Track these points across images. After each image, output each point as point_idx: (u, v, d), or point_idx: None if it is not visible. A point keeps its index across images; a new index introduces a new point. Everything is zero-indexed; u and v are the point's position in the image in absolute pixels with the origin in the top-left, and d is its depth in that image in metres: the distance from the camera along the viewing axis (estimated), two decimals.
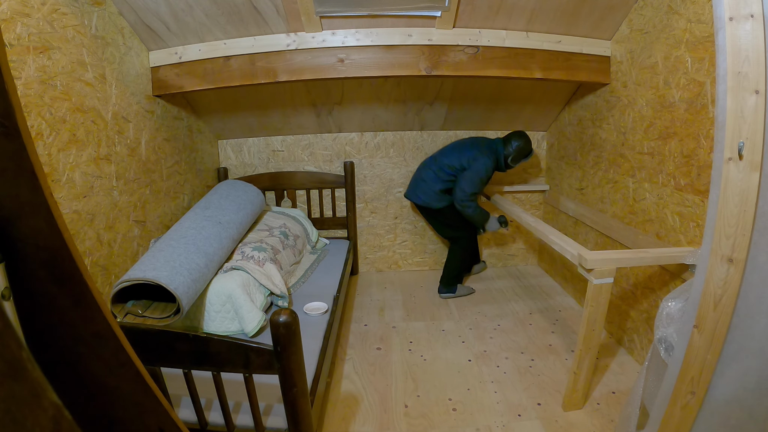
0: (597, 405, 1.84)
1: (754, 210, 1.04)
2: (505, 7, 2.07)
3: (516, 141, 2.67)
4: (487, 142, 2.72)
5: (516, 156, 2.68)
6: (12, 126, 0.54)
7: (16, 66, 1.42)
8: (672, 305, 1.42)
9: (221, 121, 2.92)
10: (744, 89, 1.00)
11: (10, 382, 0.35)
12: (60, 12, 1.61)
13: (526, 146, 2.68)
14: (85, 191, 1.73)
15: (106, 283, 1.83)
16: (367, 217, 3.28)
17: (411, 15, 2.12)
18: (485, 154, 2.63)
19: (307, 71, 2.25)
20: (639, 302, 2.10)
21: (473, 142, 2.75)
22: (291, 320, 1.12)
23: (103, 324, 0.67)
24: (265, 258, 2.09)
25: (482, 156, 2.62)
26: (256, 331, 1.79)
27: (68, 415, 0.39)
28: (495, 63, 2.26)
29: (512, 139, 2.69)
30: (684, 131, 1.78)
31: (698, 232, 1.71)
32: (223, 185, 2.51)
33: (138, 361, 0.73)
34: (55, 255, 0.61)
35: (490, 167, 2.63)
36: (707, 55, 1.62)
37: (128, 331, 1.10)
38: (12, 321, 0.61)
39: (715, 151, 1.06)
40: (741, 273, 1.07)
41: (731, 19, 0.99)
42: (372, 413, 1.84)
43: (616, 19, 2.16)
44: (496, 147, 2.69)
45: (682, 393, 1.19)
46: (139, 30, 2.11)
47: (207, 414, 1.35)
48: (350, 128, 3.06)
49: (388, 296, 2.96)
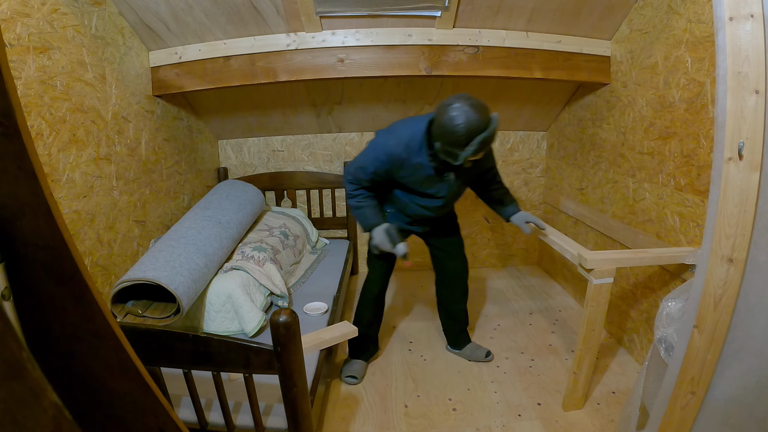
0: (597, 405, 1.84)
1: (754, 210, 1.04)
2: (505, 7, 2.07)
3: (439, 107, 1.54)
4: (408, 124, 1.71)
5: (437, 137, 1.54)
6: (12, 126, 0.54)
7: (16, 66, 1.42)
8: (672, 305, 1.42)
9: (221, 121, 2.92)
10: (744, 89, 1.00)
11: (10, 382, 0.35)
12: (60, 12, 1.61)
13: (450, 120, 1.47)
14: (85, 191, 1.73)
15: (106, 283, 1.83)
16: None
17: (411, 15, 2.12)
18: (388, 131, 1.72)
19: (307, 71, 2.25)
20: (639, 302, 2.10)
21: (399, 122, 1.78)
22: (291, 320, 1.12)
23: (103, 324, 0.67)
24: (265, 258, 2.09)
25: (382, 132, 1.75)
26: (256, 331, 1.79)
27: (68, 415, 0.39)
28: (495, 63, 2.26)
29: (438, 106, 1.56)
30: (684, 131, 1.78)
31: (698, 232, 1.71)
32: (223, 185, 2.51)
33: (138, 361, 0.73)
34: (55, 255, 0.61)
35: (386, 149, 1.66)
36: (707, 55, 1.62)
37: (128, 331, 1.10)
38: (12, 321, 0.61)
39: (715, 151, 1.06)
40: (741, 273, 1.07)
41: (731, 19, 0.99)
42: (372, 413, 1.84)
43: (616, 19, 2.16)
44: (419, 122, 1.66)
45: (682, 393, 1.19)
46: (139, 30, 2.11)
47: (207, 414, 1.35)
48: (350, 128, 3.06)
49: (388, 296, 2.94)
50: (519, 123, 3.08)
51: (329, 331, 1.85)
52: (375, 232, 1.79)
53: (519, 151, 3.19)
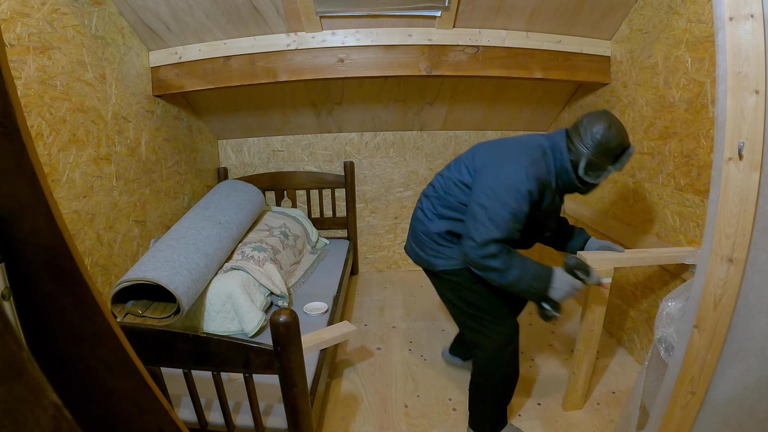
0: (597, 405, 1.84)
1: (754, 210, 1.04)
2: (505, 7, 2.07)
3: (594, 125, 1.37)
4: (530, 139, 1.49)
5: (597, 157, 1.37)
6: (12, 126, 0.54)
7: (16, 66, 1.42)
8: (672, 305, 1.42)
9: (221, 121, 2.92)
10: (744, 89, 1.00)
11: (10, 382, 0.35)
12: (60, 12, 1.61)
13: (615, 136, 1.36)
14: (85, 191, 1.73)
15: (106, 283, 1.83)
16: (367, 217, 3.28)
17: (411, 15, 2.12)
18: (519, 156, 1.40)
19: (307, 71, 2.25)
20: (639, 302, 2.10)
21: (506, 140, 1.53)
22: (291, 320, 1.12)
23: (103, 324, 0.67)
24: (265, 258, 2.09)
25: (508, 158, 1.41)
26: (256, 331, 1.79)
27: (68, 415, 0.39)
28: (495, 63, 2.26)
29: (586, 126, 1.39)
30: (684, 131, 1.78)
31: (698, 232, 1.71)
32: (223, 185, 2.51)
33: (138, 361, 0.73)
34: (55, 255, 0.61)
35: (529, 180, 1.35)
36: (707, 55, 1.62)
37: (128, 331, 1.10)
38: (12, 321, 0.61)
39: (715, 151, 1.06)
40: (741, 273, 1.07)
41: (731, 19, 0.99)
42: (372, 413, 1.84)
43: (616, 19, 2.16)
44: (552, 143, 1.44)
45: (682, 393, 1.19)
46: (139, 30, 2.11)
47: (207, 414, 1.35)
48: (350, 128, 3.06)
49: (388, 296, 2.96)
50: (519, 123, 3.07)
51: (329, 331, 1.85)
52: (557, 282, 1.38)
53: None
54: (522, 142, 1.48)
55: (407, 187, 3.21)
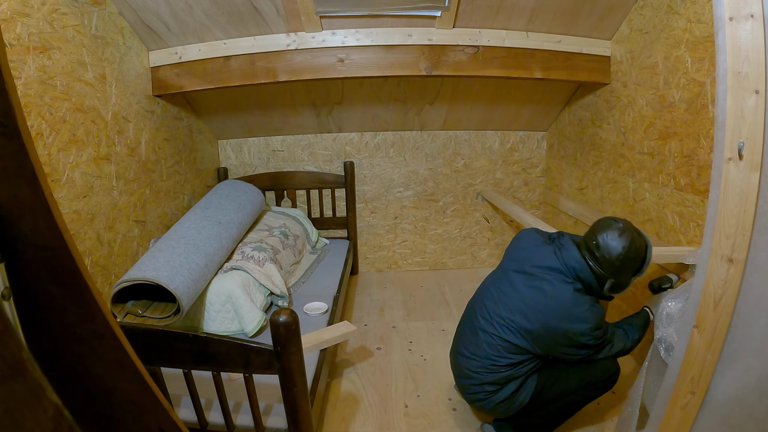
0: (597, 405, 1.84)
1: (754, 210, 1.04)
2: (505, 7, 2.07)
3: (612, 251, 1.36)
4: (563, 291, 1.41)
5: (619, 279, 1.41)
6: (12, 126, 0.54)
7: (16, 66, 1.42)
8: (672, 305, 1.43)
9: (221, 121, 2.92)
10: (744, 89, 1.00)
11: (10, 382, 0.35)
12: (60, 12, 1.61)
13: (635, 256, 1.38)
14: (85, 191, 1.73)
15: (106, 283, 1.83)
16: (367, 217, 3.28)
17: (411, 15, 2.12)
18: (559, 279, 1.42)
19: (307, 71, 2.25)
20: (639, 302, 2.10)
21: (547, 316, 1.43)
22: (291, 320, 1.12)
23: (103, 324, 0.67)
24: (265, 258, 2.09)
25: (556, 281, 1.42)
26: (256, 331, 1.79)
27: (68, 415, 0.39)
28: (495, 63, 2.26)
29: (603, 249, 1.37)
30: (684, 131, 1.78)
31: (698, 232, 1.71)
32: (223, 185, 2.51)
33: (138, 361, 0.73)
34: (55, 255, 0.61)
35: (589, 300, 1.42)
36: (707, 55, 1.62)
37: (128, 331, 1.10)
38: (12, 321, 0.61)
39: (715, 151, 1.06)
40: (741, 273, 1.07)
41: (731, 19, 0.99)
42: (372, 413, 1.84)
43: (616, 19, 2.16)
44: (577, 273, 1.42)
45: (682, 393, 1.19)
46: (139, 30, 2.11)
47: (207, 414, 1.35)
48: (350, 128, 3.06)
49: (388, 296, 2.96)
50: (519, 123, 3.08)
51: (329, 331, 1.85)
52: (655, 311, 1.56)
53: (519, 151, 3.19)
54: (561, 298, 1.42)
55: (407, 187, 3.21)
